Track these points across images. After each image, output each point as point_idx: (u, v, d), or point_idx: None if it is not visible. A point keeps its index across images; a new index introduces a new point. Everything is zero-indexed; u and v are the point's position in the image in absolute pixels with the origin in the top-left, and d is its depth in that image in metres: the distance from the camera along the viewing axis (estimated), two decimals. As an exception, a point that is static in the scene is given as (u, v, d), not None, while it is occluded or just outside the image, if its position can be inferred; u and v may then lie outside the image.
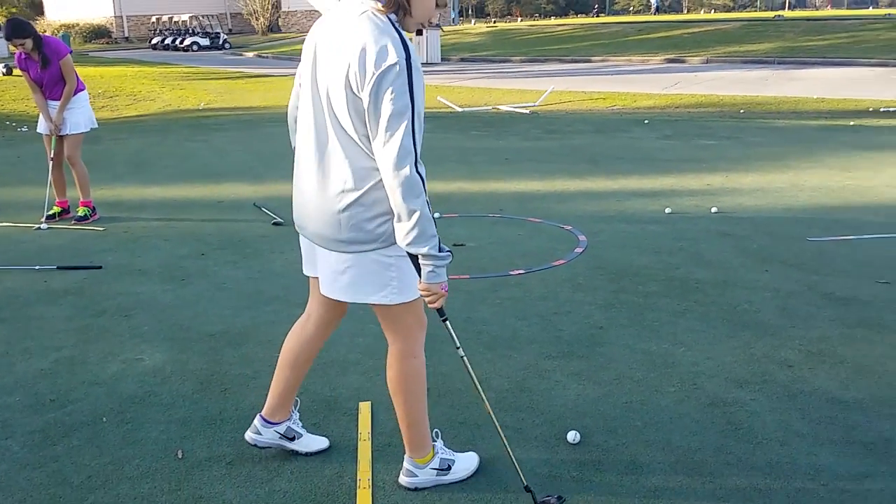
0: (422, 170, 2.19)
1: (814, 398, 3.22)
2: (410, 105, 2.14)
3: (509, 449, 2.61)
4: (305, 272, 2.64)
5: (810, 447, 2.86)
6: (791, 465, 2.76)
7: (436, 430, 2.75)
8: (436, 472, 2.67)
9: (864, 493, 2.59)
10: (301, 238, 2.59)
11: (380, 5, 2.21)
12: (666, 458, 2.82)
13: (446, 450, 2.74)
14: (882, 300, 4.30)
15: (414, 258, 2.30)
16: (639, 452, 2.86)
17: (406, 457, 2.67)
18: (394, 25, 2.21)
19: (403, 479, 2.67)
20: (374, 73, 2.13)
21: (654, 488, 2.64)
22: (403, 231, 2.22)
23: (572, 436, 2.94)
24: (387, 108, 2.13)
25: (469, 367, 2.61)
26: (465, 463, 2.75)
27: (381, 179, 2.24)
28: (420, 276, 2.30)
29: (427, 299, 2.35)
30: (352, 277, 2.40)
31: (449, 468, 2.69)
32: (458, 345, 2.58)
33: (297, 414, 2.90)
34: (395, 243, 2.29)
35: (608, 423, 3.07)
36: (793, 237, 5.53)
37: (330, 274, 2.44)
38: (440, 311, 2.43)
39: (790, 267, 4.89)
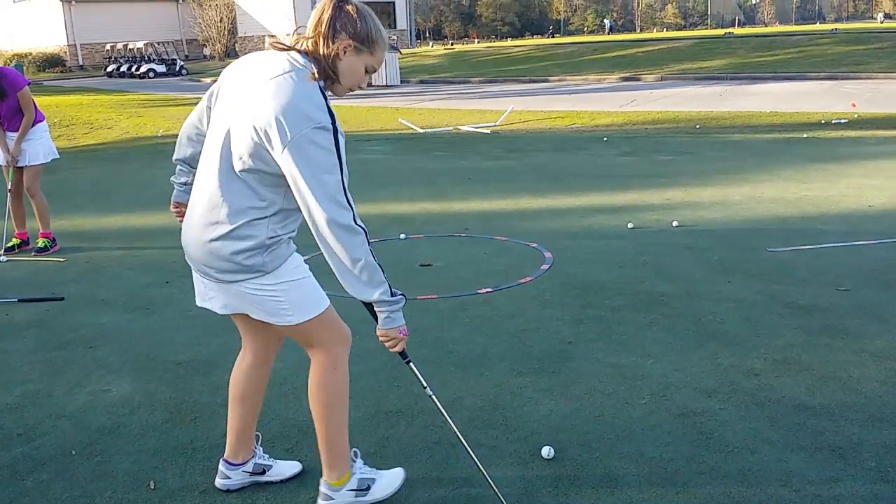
0: (360, 221, 2.24)
1: (781, 405, 3.29)
2: (339, 167, 2.20)
3: (483, 469, 2.61)
4: (198, 303, 2.57)
5: (780, 454, 2.92)
6: (762, 472, 2.81)
7: (354, 449, 2.69)
8: (354, 492, 2.61)
9: (834, 497, 2.64)
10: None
11: (312, 71, 2.25)
12: (640, 469, 2.85)
13: (366, 469, 2.68)
14: (842, 307, 4.40)
15: (369, 306, 2.35)
16: (613, 465, 2.89)
17: (322, 480, 2.61)
18: (320, 88, 2.25)
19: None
20: (293, 139, 2.15)
21: (630, 500, 2.67)
22: (351, 282, 2.27)
23: (546, 451, 2.96)
24: (316, 168, 2.17)
25: (438, 404, 2.63)
26: (388, 480, 2.69)
27: (256, 219, 2.27)
28: (377, 322, 2.36)
29: (387, 345, 2.39)
30: (241, 301, 2.40)
31: (368, 488, 2.64)
32: (425, 385, 2.61)
33: (261, 448, 2.87)
34: (269, 272, 2.31)
35: (581, 437, 3.10)
36: (753, 248, 5.64)
37: (219, 296, 2.45)
38: (402, 353, 2.46)
39: (752, 277, 4.98)
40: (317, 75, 2.26)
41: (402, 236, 6.38)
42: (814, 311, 4.35)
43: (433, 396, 2.61)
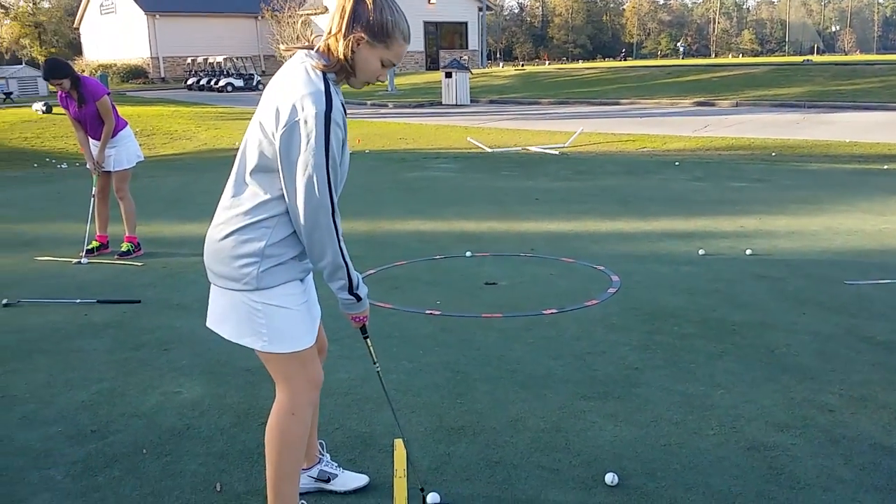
0: (337, 219, 2.26)
1: (856, 443, 3.17)
2: (325, 156, 2.19)
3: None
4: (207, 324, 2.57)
5: (854, 493, 2.81)
6: (835, 511, 2.71)
7: (303, 501, 2.61)
8: None
9: (911, 541, 2.53)
10: None
11: (321, 63, 2.27)
12: (706, 502, 2.79)
13: None
14: (923, 345, 4.23)
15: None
16: (678, 496, 2.83)
17: None
18: (325, 78, 2.25)
19: None
20: (287, 122, 2.18)
21: (696, 532, 2.61)
22: (319, 269, 2.33)
23: (610, 478, 2.91)
24: (301, 158, 2.19)
25: (382, 380, 2.67)
26: None
27: (260, 219, 2.29)
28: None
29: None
30: (226, 314, 2.40)
31: None
32: (376, 360, 2.64)
33: (328, 455, 2.90)
34: (261, 289, 2.31)
35: (646, 465, 3.04)
36: (830, 280, 5.48)
37: (213, 305, 2.46)
38: (362, 329, 2.52)
39: (828, 310, 4.84)
40: (325, 67, 2.27)
41: (468, 254, 6.39)
42: (893, 348, 4.20)
43: (379, 372, 2.65)
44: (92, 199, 6.61)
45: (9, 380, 3.99)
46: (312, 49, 2.33)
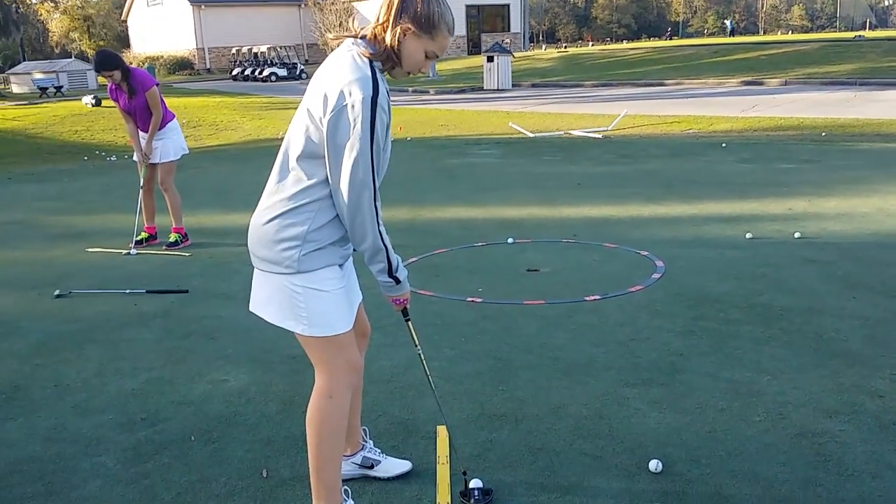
0: (378, 203, 2.30)
1: (908, 430, 3.10)
2: (370, 141, 2.22)
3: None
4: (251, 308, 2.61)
5: (906, 481, 2.75)
6: (884, 498, 2.66)
7: (346, 487, 2.62)
8: None
9: (965, 531, 2.47)
10: None
11: (368, 51, 2.29)
12: (752, 489, 2.75)
13: None
14: (980, 329, 4.11)
15: None
16: (724, 483, 2.80)
17: None
18: (371, 65, 2.28)
19: None
20: (335, 107, 2.21)
21: (741, 520, 2.58)
22: (360, 251, 2.38)
23: (654, 464, 2.89)
24: (346, 141, 2.22)
25: (424, 363, 2.72)
26: None
27: (298, 207, 2.32)
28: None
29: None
30: (269, 298, 2.44)
31: None
32: (417, 344, 2.69)
33: (371, 442, 2.94)
34: (302, 272, 2.34)
35: (691, 452, 3.01)
36: (881, 263, 5.34)
37: (256, 289, 2.49)
38: (404, 312, 2.57)
39: (878, 294, 4.72)
40: (372, 55, 2.30)
41: (510, 240, 6.38)
42: (948, 333, 4.08)
43: (421, 354, 2.72)
44: (140, 191, 6.73)
45: (61, 369, 4.11)
46: (359, 38, 2.36)
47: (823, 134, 12.40)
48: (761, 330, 4.23)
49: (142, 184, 6.71)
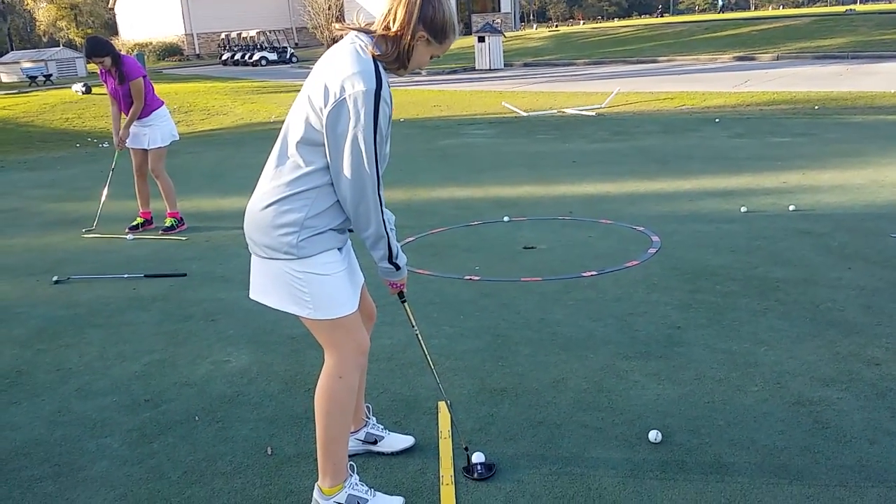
0: (381, 192, 2.33)
1: (904, 397, 3.14)
2: (373, 132, 2.23)
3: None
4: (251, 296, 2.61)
5: (902, 446, 2.79)
6: (881, 463, 2.70)
7: (351, 463, 2.64)
8: None
9: (961, 492, 2.51)
10: None
11: (375, 51, 2.29)
12: (751, 457, 2.79)
13: (361, 488, 2.59)
14: (974, 297, 4.15)
15: None
16: (723, 452, 2.83)
17: (317, 483, 2.59)
18: (374, 60, 2.28)
19: None
20: (336, 98, 2.22)
21: (741, 488, 2.62)
22: (363, 239, 2.41)
23: (654, 435, 2.93)
24: (347, 133, 2.23)
25: (422, 342, 2.79)
26: None
27: (296, 193, 2.33)
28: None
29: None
30: (270, 284, 2.44)
31: None
32: (414, 324, 2.73)
33: (374, 418, 2.97)
34: (301, 258, 2.35)
35: (690, 422, 3.05)
36: (875, 234, 5.38)
37: (255, 276, 2.50)
38: (400, 294, 2.63)
39: (873, 264, 4.76)
40: (379, 56, 2.30)
41: (506, 219, 6.39)
42: (942, 301, 4.12)
43: (419, 335, 2.77)
44: (110, 174, 6.73)
45: (63, 354, 4.12)
46: (366, 32, 2.36)
47: (816, 107, 12.42)
48: (758, 302, 4.26)
49: (112, 166, 6.74)
